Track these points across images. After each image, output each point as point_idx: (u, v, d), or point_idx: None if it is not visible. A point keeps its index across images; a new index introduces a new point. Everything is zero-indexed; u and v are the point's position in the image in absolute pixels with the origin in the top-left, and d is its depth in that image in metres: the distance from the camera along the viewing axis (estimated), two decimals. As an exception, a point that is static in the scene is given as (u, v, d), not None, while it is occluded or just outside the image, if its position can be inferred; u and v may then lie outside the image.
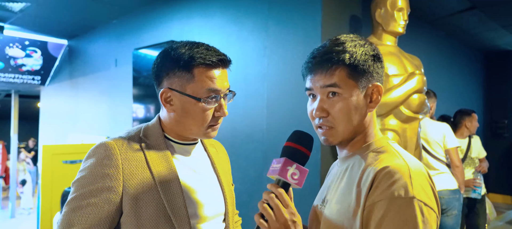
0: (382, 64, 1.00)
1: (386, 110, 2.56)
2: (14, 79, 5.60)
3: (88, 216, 1.00)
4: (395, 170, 0.87)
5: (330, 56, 0.96)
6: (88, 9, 4.19)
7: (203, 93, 1.07)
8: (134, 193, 1.04)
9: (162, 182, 1.07)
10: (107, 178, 1.03)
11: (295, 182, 0.92)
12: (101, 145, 1.07)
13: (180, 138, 1.17)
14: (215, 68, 1.09)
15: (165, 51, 1.13)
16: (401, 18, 2.67)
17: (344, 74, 0.95)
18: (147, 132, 1.15)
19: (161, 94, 1.11)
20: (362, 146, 1.00)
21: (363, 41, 0.99)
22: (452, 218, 3.01)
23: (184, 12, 3.59)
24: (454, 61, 5.21)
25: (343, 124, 0.97)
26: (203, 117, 1.09)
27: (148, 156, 1.09)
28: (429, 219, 0.85)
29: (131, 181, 1.05)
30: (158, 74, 1.12)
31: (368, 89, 0.97)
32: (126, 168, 1.05)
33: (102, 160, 1.04)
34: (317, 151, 2.52)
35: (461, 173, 3.07)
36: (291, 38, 2.74)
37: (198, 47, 1.10)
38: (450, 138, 3.10)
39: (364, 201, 0.89)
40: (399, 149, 0.97)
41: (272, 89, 2.82)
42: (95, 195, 1.01)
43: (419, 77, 2.59)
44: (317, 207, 1.07)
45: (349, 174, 0.98)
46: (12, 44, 5.17)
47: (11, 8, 4.09)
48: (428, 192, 0.87)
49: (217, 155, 1.30)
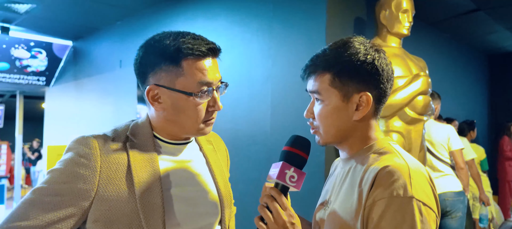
0: (379, 69, 0.98)
1: (391, 112, 2.56)
2: (19, 80, 5.63)
3: (46, 214, 0.90)
4: (395, 170, 0.88)
5: (317, 63, 1.01)
6: (92, 11, 4.22)
7: (195, 87, 0.98)
8: (107, 200, 0.94)
9: (142, 190, 0.97)
10: (80, 179, 0.93)
11: (293, 185, 0.94)
12: (82, 141, 0.98)
13: (171, 138, 1.08)
14: (205, 58, 1.00)
15: (147, 45, 1.03)
16: (406, 20, 2.68)
17: (326, 83, 0.99)
18: (135, 131, 1.05)
19: (148, 92, 1.01)
20: (363, 147, 1.02)
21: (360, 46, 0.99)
22: (456, 220, 3.00)
23: (188, 13, 3.60)
24: (459, 63, 5.20)
25: (324, 128, 1.02)
26: (197, 113, 1.01)
27: (132, 159, 0.99)
28: (428, 218, 0.86)
29: (107, 187, 0.95)
30: (142, 70, 1.03)
31: (353, 97, 0.98)
32: (104, 172, 0.96)
33: (79, 158, 0.95)
34: (321, 153, 2.52)
35: (466, 175, 3.07)
36: (295, 40, 2.74)
37: (184, 36, 1.00)
38: (455, 140, 3.09)
39: (365, 200, 0.90)
40: (400, 150, 0.99)
41: (276, 91, 2.82)
42: (62, 194, 0.92)
43: (423, 78, 2.59)
44: (320, 209, 1.08)
45: (352, 175, 0.99)
46: (18, 45, 5.20)
47: (16, 9, 4.12)
48: (427, 192, 0.89)
49: (213, 153, 1.20)
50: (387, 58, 1.02)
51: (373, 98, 0.99)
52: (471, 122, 4.01)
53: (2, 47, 5.09)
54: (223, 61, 3.51)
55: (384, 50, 1.03)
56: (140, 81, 1.05)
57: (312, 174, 2.54)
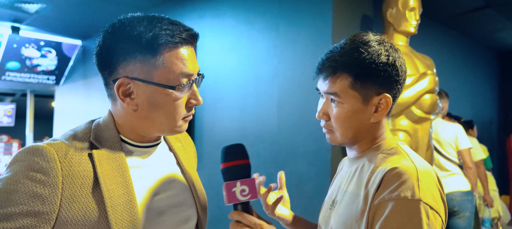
0: (399, 70, 0.96)
1: (397, 111, 2.55)
2: (30, 79, 5.70)
3: None
4: (403, 172, 0.87)
5: (336, 64, 0.96)
6: (101, 10, 4.26)
7: (175, 79, 0.86)
8: (72, 223, 0.78)
9: (115, 206, 0.82)
10: (37, 199, 0.75)
11: (248, 198, 0.89)
12: (35, 151, 0.79)
13: (140, 139, 0.93)
14: (184, 46, 0.87)
15: (115, 29, 0.87)
16: (413, 18, 2.66)
17: (346, 84, 0.95)
18: (99, 135, 0.90)
19: (118, 87, 0.86)
20: (371, 147, 1.01)
21: (381, 47, 0.95)
22: (464, 219, 2.99)
23: (196, 12, 3.62)
24: (467, 61, 5.14)
25: (340, 130, 0.99)
26: (176, 109, 0.88)
27: (99, 170, 0.83)
28: (435, 222, 0.84)
29: (71, 207, 0.79)
30: (109, 59, 0.87)
31: (373, 99, 0.96)
32: (67, 189, 0.79)
33: (34, 174, 0.76)
34: (327, 151, 2.50)
35: (474, 174, 3.04)
36: (302, 38, 2.73)
37: (161, 21, 0.86)
38: (463, 139, 3.07)
39: (371, 201, 0.89)
40: (408, 151, 0.97)
41: (282, 89, 2.82)
42: (15, 220, 0.73)
43: (431, 77, 2.57)
44: (327, 208, 1.07)
45: (359, 176, 0.98)
46: (28, 45, 5.26)
47: (26, 9, 4.17)
48: (435, 196, 0.87)
49: (183, 151, 1.08)
50: (403, 56, 0.99)
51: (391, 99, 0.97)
52: (469, 121, 3.98)
53: (13, 46, 5.15)
54: (229, 59, 3.53)
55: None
56: (105, 73, 0.89)
57: (318, 173, 2.54)
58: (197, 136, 3.40)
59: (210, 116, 3.32)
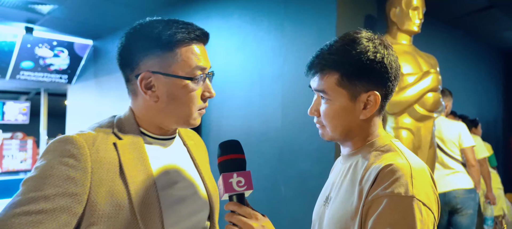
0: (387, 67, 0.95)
1: (400, 109, 2.57)
2: (43, 77, 5.81)
3: (36, 226, 0.79)
4: (397, 169, 0.87)
5: (324, 62, 0.97)
6: (111, 12, 4.33)
7: (191, 72, 0.96)
8: (101, 203, 0.87)
9: (137, 191, 0.91)
10: (71, 182, 0.84)
11: (244, 189, 0.92)
12: (66, 141, 0.88)
13: (158, 132, 1.02)
14: (198, 43, 0.98)
15: (136, 31, 0.98)
16: (416, 17, 2.67)
17: (333, 82, 0.96)
18: (121, 127, 0.99)
19: (141, 80, 0.95)
20: (365, 144, 1.01)
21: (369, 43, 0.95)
22: (467, 217, 2.99)
23: (202, 13, 3.66)
24: (472, 60, 5.09)
25: (330, 127, 1.00)
26: (192, 99, 0.97)
27: (122, 158, 0.92)
28: (427, 219, 0.85)
29: (99, 189, 0.87)
30: (131, 57, 0.97)
31: (361, 97, 0.96)
32: (96, 173, 0.88)
33: (67, 159, 0.85)
34: (330, 150, 2.53)
35: (477, 172, 3.04)
36: (306, 38, 2.75)
37: (176, 22, 0.97)
38: (466, 137, 3.07)
39: (365, 197, 0.90)
40: (402, 148, 0.97)
41: (287, 89, 2.85)
42: (52, 200, 0.82)
43: (433, 75, 2.58)
44: (321, 205, 1.08)
45: (353, 172, 0.98)
46: (41, 45, 5.37)
47: (39, 10, 4.28)
48: (428, 193, 0.88)
49: (196, 148, 1.16)
50: (394, 53, 0.98)
51: (381, 96, 0.96)
52: (473, 120, 3.96)
53: (27, 46, 5.26)
54: (235, 59, 3.57)
55: (391, 45, 1.00)
56: (127, 70, 0.99)
57: (321, 171, 2.55)
58: (204, 135, 3.45)
59: (217, 115, 3.36)
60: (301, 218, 2.62)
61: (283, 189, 2.80)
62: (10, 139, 7.43)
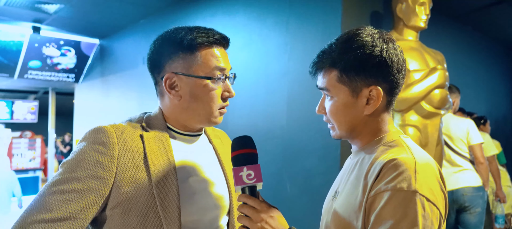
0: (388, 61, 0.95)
1: (407, 106, 2.54)
2: (51, 77, 5.86)
3: (68, 203, 0.90)
4: (401, 163, 0.87)
5: (323, 60, 1.00)
6: (117, 10, 4.34)
7: (210, 72, 1.04)
8: (125, 187, 0.96)
9: (158, 178, 0.99)
10: (99, 166, 0.95)
11: (253, 181, 0.96)
12: (98, 130, 0.99)
13: (184, 129, 1.11)
14: (217, 46, 1.07)
15: (162, 37, 1.09)
16: (423, 13, 2.63)
17: (334, 79, 0.98)
18: (149, 122, 1.08)
19: (165, 80, 1.04)
20: (373, 140, 1.01)
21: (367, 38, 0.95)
22: (475, 216, 2.95)
23: (208, 11, 3.65)
24: (481, 56, 5.02)
25: (336, 124, 1.02)
26: (212, 98, 1.04)
27: (147, 148, 1.01)
28: (431, 215, 0.84)
29: (124, 174, 0.97)
30: (158, 60, 1.07)
31: (363, 92, 0.96)
32: (122, 160, 0.97)
33: (97, 146, 0.97)
34: (336, 147, 2.51)
35: (485, 170, 3.00)
36: (312, 35, 2.73)
37: (198, 28, 1.07)
38: (474, 134, 3.03)
39: (368, 192, 0.90)
40: (410, 144, 0.96)
41: (292, 86, 2.83)
42: (83, 181, 0.93)
43: (440, 72, 2.55)
44: (329, 200, 1.08)
45: (359, 167, 0.99)
46: (49, 44, 5.42)
47: (46, 9, 4.31)
48: (433, 189, 0.86)
49: (222, 147, 1.22)
50: (397, 47, 0.98)
51: (384, 90, 0.96)
52: (481, 117, 3.91)
53: (34, 46, 5.31)
54: (240, 56, 3.57)
55: (394, 39, 1.00)
56: (155, 72, 1.09)
57: (327, 169, 2.54)
58: (210, 132, 3.44)
59: (222, 113, 3.35)
60: (307, 216, 2.59)
61: (288, 187, 2.79)
62: (19, 138, 7.51)
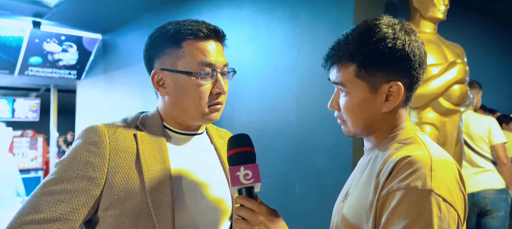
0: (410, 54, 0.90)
1: (424, 102, 2.45)
2: (52, 73, 5.80)
3: (59, 204, 0.90)
4: (416, 160, 0.82)
5: (341, 53, 0.94)
6: (120, 4, 4.29)
7: (195, 67, 0.99)
8: (117, 188, 0.94)
9: (152, 179, 0.97)
10: (90, 167, 0.94)
11: (251, 181, 0.92)
12: (90, 129, 0.98)
13: (180, 127, 1.08)
14: (206, 40, 1.01)
15: (153, 34, 1.07)
16: (441, 3, 2.55)
17: (351, 74, 0.93)
18: (144, 121, 1.07)
19: (152, 77, 1.03)
20: (388, 137, 0.97)
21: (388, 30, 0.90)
22: (498, 220, 2.86)
23: (213, 3, 3.59)
24: (504, 50, 4.88)
25: (351, 121, 0.97)
26: (199, 94, 1.00)
27: (140, 148, 0.99)
28: (447, 216, 0.79)
29: (116, 175, 0.95)
30: (149, 58, 1.05)
31: (383, 88, 0.92)
32: (113, 160, 0.96)
33: (89, 146, 0.96)
34: (348, 145, 2.44)
35: (509, 171, 2.89)
36: (322, 28, 2.67)
37: (185, 21, 1.03)
38: (497, 133, 2.93)
39: (380, 190, 0.86)
40: (426, 141, 0.92)
41: (301, 81, 2.77)
42: (73, 182, 0.92)
43: (460, 66, 2.45)
44: (340, 201, 1.05)
45: (372, 166, 0.95)
46: (49, 39, 5.35)
47: (47, 3, 4.23)
48: (451, 188, 0.82)
49: (225, 147, 1.16)
50: (418, 39, 0.93)
51: (404, 86, 0.92)
52: (504, 116, 3.85)
53: (35, 41, 5.25)
54: (247, 50, 3.45)
55: (415, 30, 0.95)
56: (148, 70, 1.08)
57: (338, 167, 2.50)
58: (215, 130, 3.36)
59: (228, 110, 3.29)
60: (316, 216, 2.58)
61: (297, 186, 2.75)
62: (21, 136, 7.44)
